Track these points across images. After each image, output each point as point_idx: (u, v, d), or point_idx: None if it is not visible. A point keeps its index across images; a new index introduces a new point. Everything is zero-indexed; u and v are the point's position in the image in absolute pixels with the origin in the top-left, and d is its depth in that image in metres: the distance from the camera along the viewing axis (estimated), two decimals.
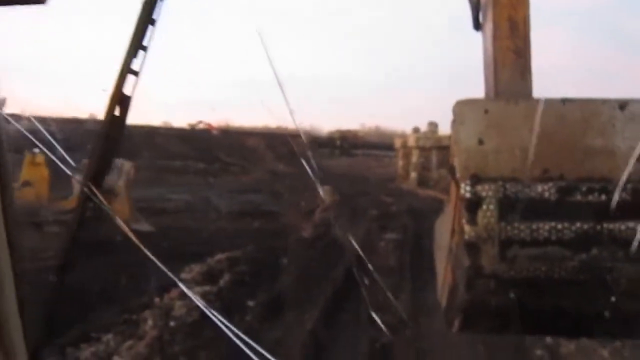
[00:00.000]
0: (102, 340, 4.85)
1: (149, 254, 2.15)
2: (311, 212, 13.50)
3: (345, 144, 39.73)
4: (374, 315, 5.76)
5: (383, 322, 6.03)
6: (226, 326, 2.90)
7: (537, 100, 2.01)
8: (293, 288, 6.84)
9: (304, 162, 2.28)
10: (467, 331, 2.27)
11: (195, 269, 6.96)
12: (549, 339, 5.72)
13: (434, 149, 22.77)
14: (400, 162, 25.35)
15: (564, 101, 1.94)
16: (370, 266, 2.53)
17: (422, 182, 22.59)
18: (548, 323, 2.09)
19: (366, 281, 5.23)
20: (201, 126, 34.97)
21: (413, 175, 23.63)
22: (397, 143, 26.28)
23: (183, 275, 6.40)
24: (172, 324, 5.31)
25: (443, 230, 2.44)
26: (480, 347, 5.37)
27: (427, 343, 5.65)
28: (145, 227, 8.73)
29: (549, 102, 1.95)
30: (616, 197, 1.86)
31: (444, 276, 2.31)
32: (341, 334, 5.77)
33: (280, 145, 32.11)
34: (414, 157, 23.84)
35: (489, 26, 2.48)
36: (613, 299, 1.86)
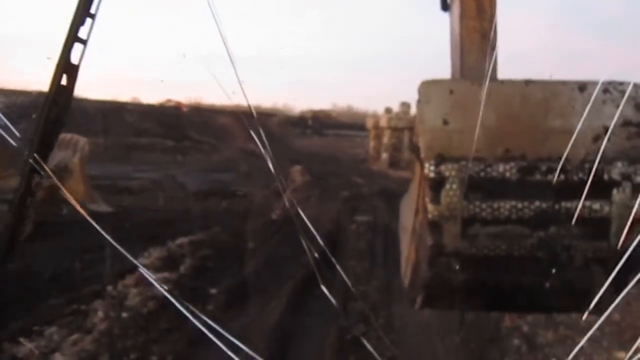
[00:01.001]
0: (44, 334, 4.33)
1: (106, 235, 1.78)
2: (281, 193, 13.04)
3: (317, 123, 39.25)
4: (326, 293, 5.38)
5: (354, 311, 5.66)
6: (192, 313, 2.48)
7: (501, 82, 2.03)
8: (259, 274, 6.39)
9: (257, 140, 2.00)
10: (428, 307, 2.33)
11: (154, 254, 6.44)
12: (525, 328, 5.42)
13: (406, 129, 22.43)
14: (372, 143, 24.98)
15: (527, 83, 1.95)
16: (329, 253, 2.45)
17: (394, 163, 22.28)
18: (507, 299, 2.12)
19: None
20: (171, 104, 33.99)
21: (384, 156, 23.30)
22: (369, 123, 25.88)
23: (140, 261, 5.88)
24: (124, 315, 4.80)
25: (407, 210, 2.53)
26: (456, 338, 5.03)
27: (400, 334, 5.27)
28: (102, 207, 8.15)
29: (513, 84, 1.96)
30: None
31: (407, 255, 2.38)
32: (309, 323, 5.35)
33: (251, 124, 31.46)
34: (386, 138, 23.48)
35: (456, 7, 2.48)
36: (569, 274, 1.88)
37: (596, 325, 1.57)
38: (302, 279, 5.96)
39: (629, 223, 1.76)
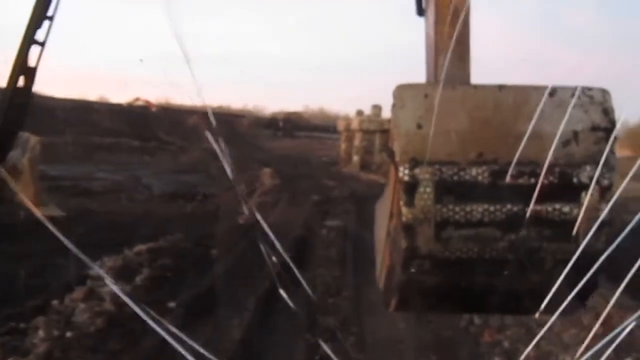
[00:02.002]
0: None
1: (66, 241, 1.45)
2: (249, 196, 12.55)
3: (288, 125, 38.79)
4: (285, 298, 4.95)
5: (325, 325, 5.25)
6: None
7: (474, 86, 2.11)
8: (223, 285, 5.92)
9: (213, 143, 1.81)
10: (402, 310, 2.39)
11: (107, 263, 5.90)
12: (506, 344, 5.08)
13: (377, 132, 22.14)
14: (343, 145, 24.65)
15: (500, 88, 1.98)
16: (291, 264, 2.21)
17: (365, 165, 21.97)
18: (480, 301, 2.13)
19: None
20: (139, 103, 33.11)
21: (356, 158, 22.97)
22: (341, 126, 25.55)
23: (91, 272, 5.34)
24: (69, 334, 4.28)
25: (382, 213, 2.52)
26: (433, 358, 4.65)
27: (372, 351, 4.87)
28: (54, 211, 7.54)
29: (486, 88, 2.01)
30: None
31: (382, 258, 2.37)
32: (276, 341, 4.91)
33: (221, 125, 30.84)
34: (357, 141, 23.16)
35: (431, 13, 2.50)
36: (539, 276, 1.89)
37: (551, 321, 1.61)
38: (268, 290, 5.51)
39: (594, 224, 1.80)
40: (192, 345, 1.58)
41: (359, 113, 24.13)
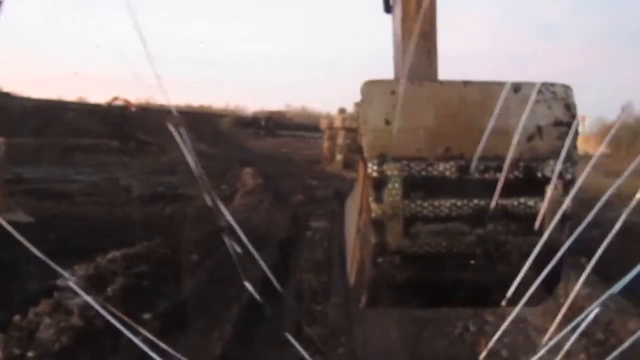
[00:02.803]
0: None
1: (32, 248, 1.24)
2: (231, 197, 12.15)
3: (270, 124, 38.33)
4: (251, 291, 4.59)
5: (312, 335, 4.89)
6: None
7: (441, 82, 2.16)
8: (202, 294, 5.53)
9: (174, 133, 1.50)
10: (373, 306, 2.32)
11: (78, 272, 5.46)
12: (504, 352, 4.78)
13: None
14: (326, 144, 24.30)
15: (465, 83, 2.01)
16: (269, 274, 1.84)
17: (348, 164, 21.60)
18: (449, 295, 2.12)
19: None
20: (118, 102, 32.36)
21: (339, 157, 22.62)
22: (323, 124, 25.20)
23: (60, 282, 4.91)
24: (30, 353, 3.87)
25: (352, 209, 2.53)
26: None
27: None
28: (21, 217, 7.07)
29: (451, 84, 2.04)
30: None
31: (353, 254, 2.37)
32: (258, 355, 4.54)
33: (202, 125, 30.34)
34: (340, 139, 22.81)
35: (398, 10, 2.50)
36: (506, 269, 1.85)
37: (515, 311, 1.58)
38: (251, 300, 5.12)
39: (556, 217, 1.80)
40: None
41: (342, 111, 23.78)
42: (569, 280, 6.87)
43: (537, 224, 1.93)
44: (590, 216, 1.54)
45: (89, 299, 2.64)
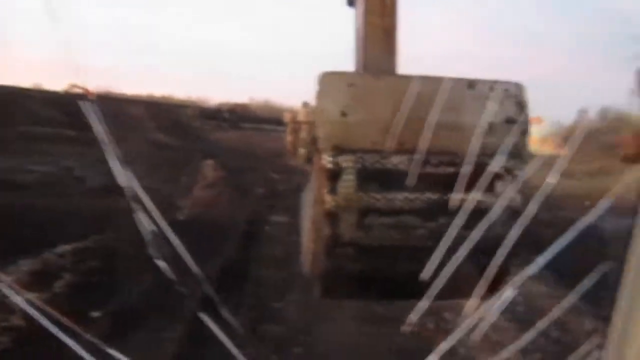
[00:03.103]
0: None
1: None
2: (191, 190, 11.86)
3: (233, 116, 37.81)
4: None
5: (272, 335, 4.74)
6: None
7: (397, 77, 2.20)
8: (156, 291, 5.30)
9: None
10: (328, 298, 2.36)
11: (23, 267, 5.17)
12: (462, 350, 4.74)
13: None
14: (289, 138, 24.06)
15: (422, 78, 2.00)
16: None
17: (311, 158, 21.48)
18: (402, 287, 2.08)
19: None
20: (76, 90, 31.36)
21: (302, 151, 22.44)
22: (287, 118, 24.95)
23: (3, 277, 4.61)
24: None
25: (307, 201, 2.53)
26: None
27: None
28: None
29: (407, 79, 2.01)
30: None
31: (307, 246, 2.37)
32: (212, 353, 4.36)
33: (163, 115, 29.71)
34: (304, 133, 22.63)
35: (360, 4, 2.50)
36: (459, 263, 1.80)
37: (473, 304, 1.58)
38: (205, 296, 4.93)
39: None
40: None
41: (306, 105, 23.60)
42: (519, 276, 6.91)
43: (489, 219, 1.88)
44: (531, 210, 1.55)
45: (21, 299, 2.44)
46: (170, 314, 4.89)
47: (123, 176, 1.52)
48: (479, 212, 1.90)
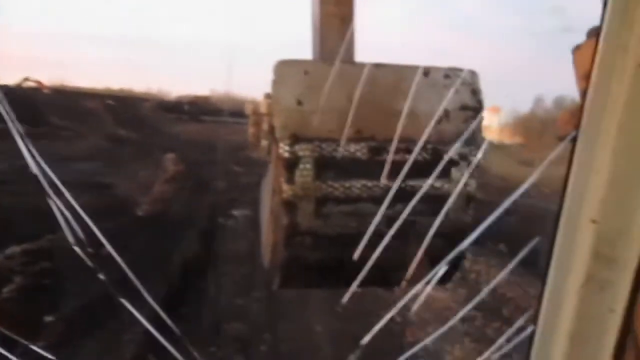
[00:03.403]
0: None
1: None
2: (150, 184, 11.54)
3: (194, 109, 37.17)
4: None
5: (236, 333, 4.60)
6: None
7: (353, 64, 2.12)
8: (115, 292, 5.08)
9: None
10: (287, 288, 2.29)
11: None
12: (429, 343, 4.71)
13: None
14: (251, 130, 23.53)
15: (377, 66, 2.02)
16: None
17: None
18: (359, 275, 2.02)
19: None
20: (29, 84, 30.25)
21: (264, 143, 22.05)
22: (248, 109, 24.50)
23: None
24: None
25: (266, 191, 2.49)
26: None
27: None
28: None
29: (363, 67, 2.02)
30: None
31: (266, 236, 2.34)
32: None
33: (121, 108, 29.01)
34: (266, 125, 22.32)
35: None
36: (415, 249, 1.89)
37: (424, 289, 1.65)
38: (166, 296, 4.77)
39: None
40: None
41: (268, 96, 23.28)
42: (490, 266, 6.96)
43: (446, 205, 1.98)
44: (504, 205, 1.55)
45: None
46: (130, 314, 4.68)
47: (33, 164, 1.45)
48: (435, 198, 1.96)
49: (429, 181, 1.98)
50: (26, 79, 30.64)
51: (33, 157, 1.57)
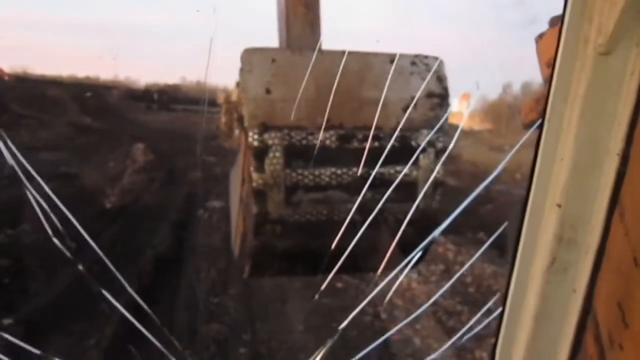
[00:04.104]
0: None
1: None
2: (119, 175, 11.07)
3: (164, 97, 36.36)
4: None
5: (213, 334, 4.30)
6: None
7: (321, 52, 2.10)
8: (78, 291, 4.72)
9: None
10: (256, 276, 2.35)
11: None
12: (417, 341, 4.49)
13: None
14: (224, 119, 23.27)
15: (344, 53, 2.01)
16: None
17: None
18: (330, 262, 1.98)
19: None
20: None
21: (237, 132, 21.81)
22: (220, 98, 24.12)
23: None
24: None
25: (235, 180, 2.64)
26: None
27: None
28: None
29: (331, 54, 2.05)
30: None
31: (236, 225, 2.47)
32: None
33: (88, 97, 28.19)
34: (236, 113, 21.99)
35: None
36: (384, 235, 1.90)
37: (398, 275, 1.61)
38: (139, 293, 4.41)
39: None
40: None
41: (238, 85, 22.89)
42: (469, 256, 6.77)
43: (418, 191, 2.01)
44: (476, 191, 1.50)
45: None
46: (96, 316, 4.34)
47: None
48: (404, 185, 1.96)
49: (398, 168, 1.99)
50: None
51: (7, 147, 1.52)
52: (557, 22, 1.50)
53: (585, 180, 0.74)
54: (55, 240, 1.59)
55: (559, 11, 0.75)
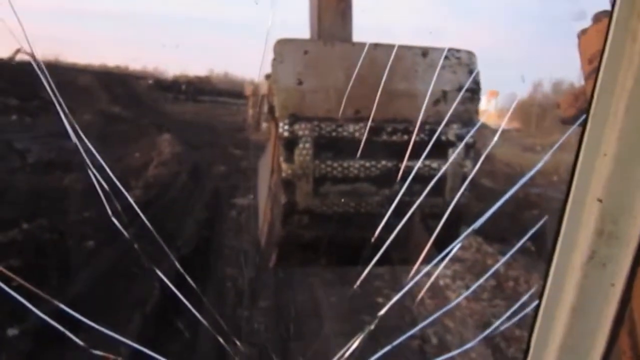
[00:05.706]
0: None
1: None
2: (144, 167, 10.62)
3: (191, 88, 36.22)
4: None
5: (239, 349, 3.77)
6: None
7: (352, 44, 2.17)
8: (95, 297, 4.22)
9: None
10: (282, 265, 2.42)
11: None
12: (434, 340, 3.91)
13: None
14: (251, 111, 23.03)
15: (376, 46, 2.00)
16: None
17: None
18: (356, 254, 2.01)
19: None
20: (21, 56, 29.14)
21: (264, 125, 21.36)
22: (248, 91, 23.81)
23: None
24: None
25: (264, 170, 2.57)
26: None
27: None
28: None
29: (362, 47, 1.99)
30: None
31: (264, 214, 2.43)
32: None
33: (117, 86, 28.11)
34: (266, 106, 21.52)
35: None
36: (411, 229, 1.85)
37: (419, 268, 1.58)
38: (157, 303, 3.91)
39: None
40: None
41: (268, 77, 22.39)
42: (523, 269, 6.12)
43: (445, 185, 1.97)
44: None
45: None
46: (114, 328, 3.81)
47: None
48: (432, 179, 1.89)
49: (427, 162, 1.94)
50: (18, 51, 29.55)
51: (73, 127, 1.53)
52: (601, 17, 1.42)
53: (628, 176, 0.74)
54: (114, 220, 1.60)
55: (605, 6, 0.82)
